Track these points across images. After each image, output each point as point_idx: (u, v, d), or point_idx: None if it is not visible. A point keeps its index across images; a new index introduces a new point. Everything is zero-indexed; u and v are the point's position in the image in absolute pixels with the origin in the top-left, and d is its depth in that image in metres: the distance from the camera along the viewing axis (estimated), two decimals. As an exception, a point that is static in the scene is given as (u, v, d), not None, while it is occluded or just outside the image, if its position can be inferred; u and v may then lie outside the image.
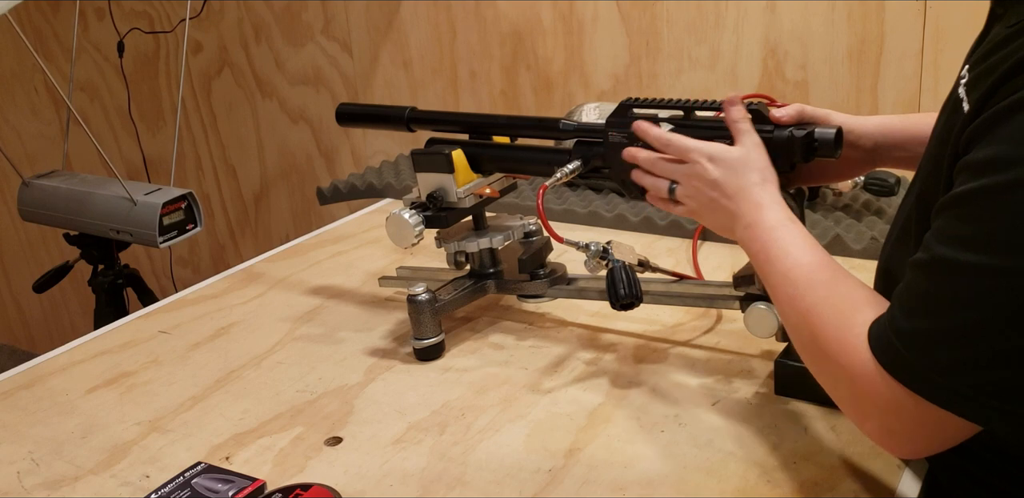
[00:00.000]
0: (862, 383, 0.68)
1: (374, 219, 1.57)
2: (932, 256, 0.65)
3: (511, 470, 0.86)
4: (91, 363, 1.12)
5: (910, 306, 0.66)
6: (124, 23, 2.31)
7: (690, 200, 0.89)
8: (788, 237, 0.80)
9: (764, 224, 0.81)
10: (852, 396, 0.71)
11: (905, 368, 0.65)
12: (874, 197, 1.37)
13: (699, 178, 0.86)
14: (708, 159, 0.86)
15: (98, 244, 1.76)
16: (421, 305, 1.05)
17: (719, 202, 0.85)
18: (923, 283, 0.65)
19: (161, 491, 0.83)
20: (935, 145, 0.73)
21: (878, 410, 0.68)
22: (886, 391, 0.66)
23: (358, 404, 0.99)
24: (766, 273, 0.80)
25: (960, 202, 0.63)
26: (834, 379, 0.73)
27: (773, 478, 0.82)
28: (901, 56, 1.46)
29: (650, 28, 1.64)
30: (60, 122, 2.61)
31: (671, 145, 0.89)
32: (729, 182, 0.85)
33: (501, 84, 1.85)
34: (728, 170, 0.85)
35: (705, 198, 0.87)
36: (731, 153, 0.86)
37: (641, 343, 1.08)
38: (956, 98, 0.69)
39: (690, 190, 0.88)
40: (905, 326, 0.65)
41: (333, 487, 0.83)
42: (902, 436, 0.68)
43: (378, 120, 1.16)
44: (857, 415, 0.71)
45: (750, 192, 0.84)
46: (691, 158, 0.87)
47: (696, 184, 0.87)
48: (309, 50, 2.08)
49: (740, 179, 0.84)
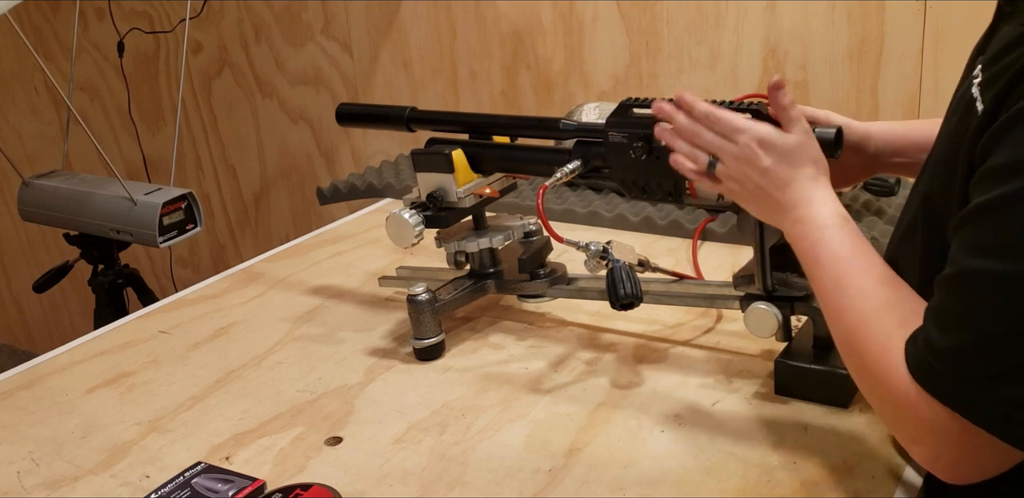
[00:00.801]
0: (905, 405, 0.66)
1: (374, 219, 1.57)
2: (959, 269, 0.63)
3: (511, 470, 0.86)
4: (91, 363, 1.12)
5: (943, 322, 0.64)
6: (124, 23, 2.31)
7: (732, 182, 0.83)
8: (839, 239, 0.76)
9: (816, 222, 0.77)
10: (897, 419, 0.69)
11: (944, 386, 0.63)
12: (874, 197, 1.37)
13: (748, 163, 0.80)
14: (759, 144, 0.80)
15: (98, 244, 1.76)
16: (421, 305, 1.05)
17: (767, 191, 0.80)
18: (953, 297, 0.64)
19: (161, 491, 0.83)
20: (946, 145, 0.72)
21: (923, 433, 0.66)
22: (928, 412, 0.64)
23: (358, 404, 0.99)
24: (814, 276, 0.77)
25: (983, 212, 0.62)
26: (880, 399, 0.70)
27: (773, 478, 0.82)
28: (901, 56, 1.46)
29: (650, 28, 1.64)
30: (60, 122, 2.61)
31: (720, 122, 0.82)
32: (781, 172, 0.79)
33: (501, 84, 1.85)
34: (781, 158, 0.79)
35: (751, 184, 0.81)
36: (786, 140, 0.80)
37: (641, 343, 1.08)
38: (969, 98, 0.67)
39: (735, 172, 0.82)
40: (940, 343, 0.63)
41: (333, 487, 0.83)
42: (949, 460, 0.66)
43: (378, 120, 1.16)
44: (905, 439, 0.69)
45: (803, 185, 0.79)
46: (740, 141, 0.81)
47: (743, 168, 0.81)
48: (309, 50, 2.08)
49: (793, 170, 0.79)
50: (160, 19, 2.27)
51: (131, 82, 2.38)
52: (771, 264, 0.93)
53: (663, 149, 0.95)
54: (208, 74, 2.27)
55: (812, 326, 0.95)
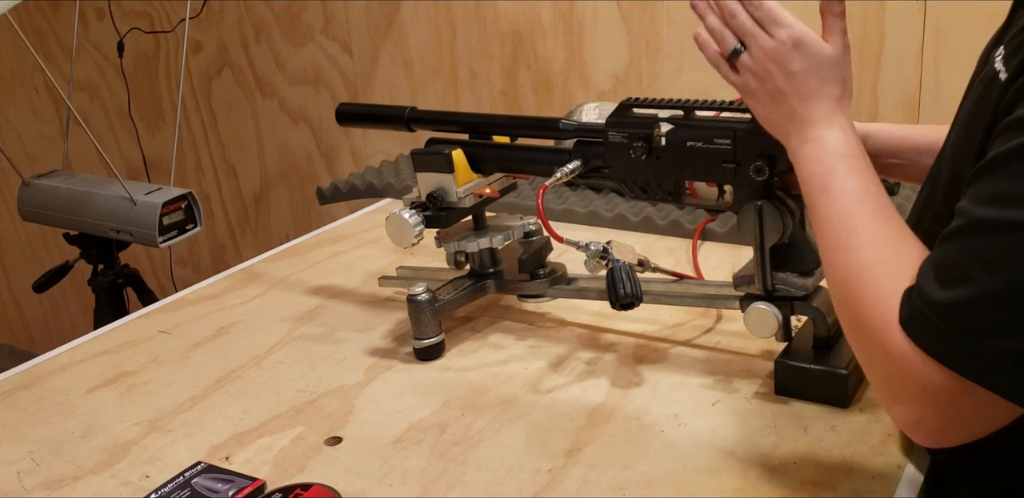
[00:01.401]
0: (896, 361, 0.64)
1: (374, 219, 1.57)
2: (969, 220, 0.61)
3: (511, 470, 0.86)
4: (91, 363, 1.12)
5: (944, 276, 0.62)
6: (124, 23, 2.31)
7: (752, 78, 0.78)
8: (854, 171, 0.71)
9: (832, 147, 0.73)
10: (885, 375, 0.66)
11: (939, 341, 0.61)
12: (874, 197, 1.36)
13: (777, 60, 0.76)
14: (796, 44, 0.75)
15: (98, 244, 1.76)
16: (421, 305, 1.05)
17: (787, 98, 0.75)
18: (957, 250, 0.62)
19: (161, 491, 0.83)
20: (966, 124, 0.70)
21: (910, 391, 0.64)
22: (920, 368, 0.62)
23: (358, 404, 0.99)
24: (819, 204, 0.72)
25: (1001, 161, 0.60)
26: (869, 353, 0.68)
27: (773, 478, 0.82)
28: (901, 56, 1.46)
29: (650, 28, 1.64)
30: (60, 122, 2.61)
31: (762, 8, 0.77)
32: (809, 81, 0.75)
33: (501, 84, 1.85)
34: (813, 67, 0.75)
35: (772, 85, 0.76)
36: (824, 49, 0.76)
37: (641, 343, 1.08)
38: (992, 73, 0.66)
39: (759, 67, 0.77)
40: (939, 297, 0.61)
41: (333, 487, 0.83)
42: (935, 422, 0.64)
43: (378, 120, 1.16)
44: (888, 396, 0.67)
45: (827, 104, 0.75)
46: (778, 34, 0.76)
47: (769, 65, 0.76)
48: (309, 50, 2.08)
49: (822, 84, 0.75)
50: (160, 19, 2.27)
51: (131, 82, 2.38)
52: (771, 264, 0.93)
53: (663, 149, 0.95)
54: (208, 74, 2.27)
55: (812, 326, 0.95)
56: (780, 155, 0.88)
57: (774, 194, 0.91)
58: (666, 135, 0.94)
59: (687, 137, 0.93)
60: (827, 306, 0.94)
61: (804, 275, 0.93)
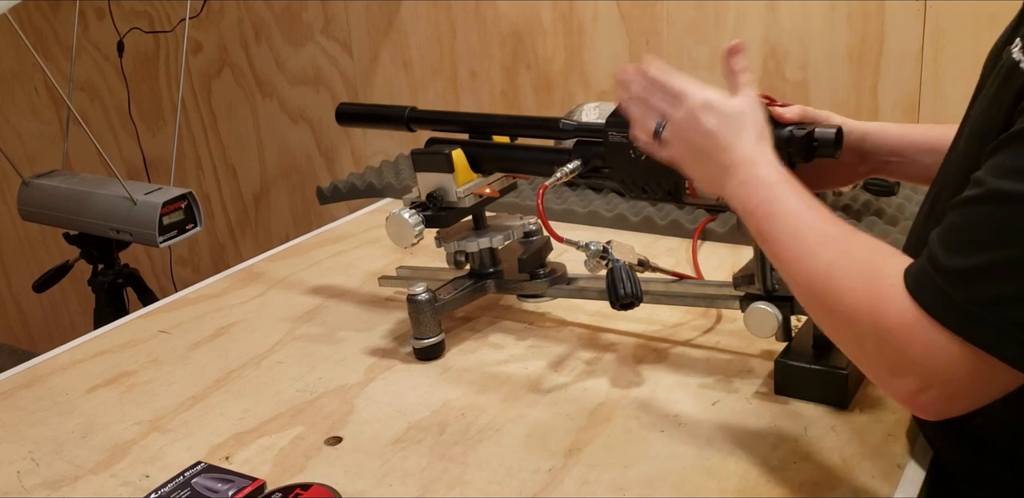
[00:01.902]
0: (898, 333, 0.64)
1: (374, 219, 1.57)
2: (985, 190, 0.61)
3: (511, 470, 0.86)
4: (91, 363, 1.12)
5: (956, 244, 0.62)
6: (124, 23, 2.31)
7: (678, 146, 0.83)
8: (790, 193, 0.75)
9: (762, 180, 0.76)
10: (883, 351, 0.66)
11: (947, 307, 0.61)
12: (874, 197, 1.37)
13: (691, 125, 0.81)
14: (703, 106, 0.81)
15: (98, 244, 1.76)
16: (421, 305, 1.05)
17: (710, 154, 0.80)
18: (972, 218, 0.62)
19: (161, 491, 0.83)
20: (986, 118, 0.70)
21: (913, 363, 0.64)
22: (924, 337, 0.62)
23: (358, 404, 0.99)
24: (767, 231, 0.75)
25: (1021, 135, 0.60)
26: (859, 336, 0.68)
27: (773, 478, 0.82)
28: (901, 56, 1.46)
29: (650, 28, 1.64)
30: (60, 122, 2.61)
31: (666, 86, 0.84)
32: (723, 134, 0.79)
33: (501, 84, 1.85)
34: (723, 121, 0.80)
35: (695, 148, 0.81)
36: (729, 104, 0.81)
37: (641, 343, 1.08)
38: (1010, 64, 0.67)
39: (680, 136, 0.83)
40: (950, 264, 0.62)
41: (333, 487, 0.83)
42: (938, 391, 0.64)
43: (378, 120, 1.16)
44: (888, 372, 0.66)
45: (745, 148, 0.78)
46: (685, 103, 0.82)
47: (687, 132, 0.82)
48: (309, 50, 2.08)
49: (736, 133, 0.79)
50: (160, 19, 2.27)
51: (131, 82, 2.38)
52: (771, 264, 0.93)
53: (663, 149, 0.95)
54: (208, 74, 2.27)
55: (812, 326, 0.95)
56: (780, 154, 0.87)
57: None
58: (666, 135, 0.94)
59: (687, 137, 0.93)
60: (827, 306, 0.94)
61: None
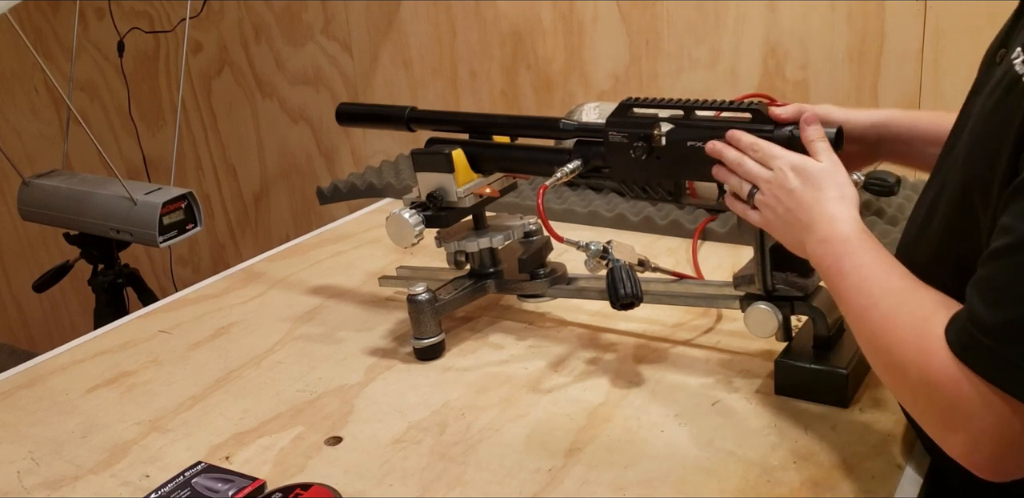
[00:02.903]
0: (945, 389, 0.63)
1: (374, 219, 1.57)
2: (1017, 238, 0.60)
3: (511, 470, 0.86)
4: (91, 363, 1.12)
5: (995, 297, 0.61)
6: (124, 23, 2.31)
7: (767, 209, 0.86)
8: (863, 249, 0.77)
9: (838, 237, 0.79)
10: (934, 406, 0.65)
11: (993, 364, 0.61)
12: (874, 197, 1.36)
13: (779, 186, 0.84)
14: (791, 168, 0.84)
15: (98, 244, 1.76)
16: (421, 305, 1.05)
17: (794, 213, 0.83)
18: (1006, 269, 0.61)
19: (161, 491, 0.83)
20: (986, 130, 0.70)
21: (963, 419, 0.63)
22: (972, 395, 0.62)
23: (358, 404, 0.99)
24: (839, 288, 0.77)
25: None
26: (912, 391, 0.68)
27: (773, 478, 0.82)
28: (901, 56, 1.46)
29: (650, 28, 1.64)
30: (60, 122, 2.61)
31: (759, 150, 0.87)
32: (806, 194, 0.82)
33: (501, 84, 1.85)
34: (807, 181, 0.83)
35: (782, 208, 0.84)
36: (814, 166, 0.84)
37: (641, 343, 1.08)
38: (1013, 77, 0.66)
39: (769, 198, 0.86)
40: (990, 318, 0.61)
41: (333, 487, 0.83)
42: (991, 450, 0.63)
43: (378, 120, 1.16)
44: (941, 429, 0.66)
45: (826, 206, 0.81)
46: (775, 165, 0.85)
47: (776, 193, 0.85)
48: (309, 50, 2.08)
49: (818, 191, 0.82)
50: (160, 19, 2.27)
51: (131, 82, 2.38)
52: (771, 264, 0.93)
53: (663, 149, 0.95)
54: (208, 74, 2.27)
55: (812, 326, 0.95)
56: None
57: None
58: (666, 135, 0.94)
59: (687, 137, 0.93)
60: (827, 306, 0.94)
61: (804, 275, 0.93)
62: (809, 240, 0.81)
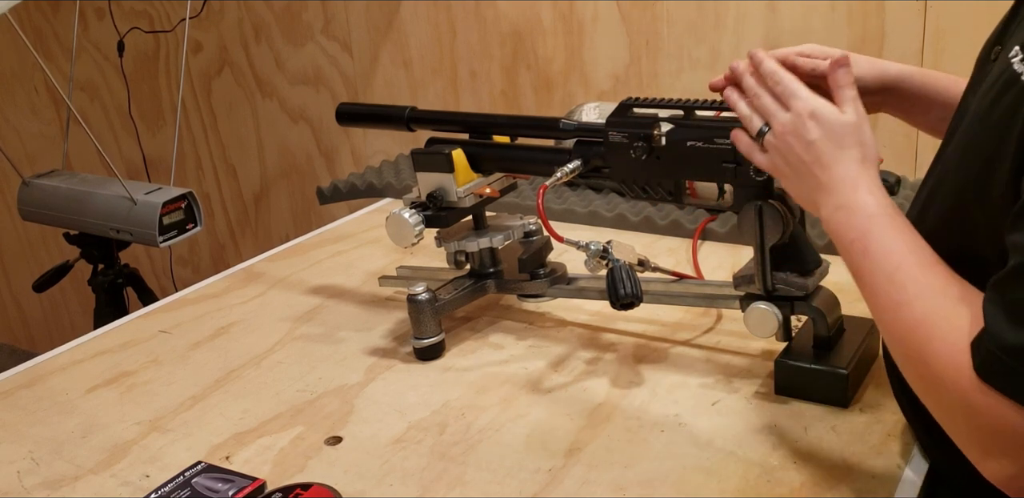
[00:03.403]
0: (979, 412, 0.60)
1: (374, 219, 1.57)
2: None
3: (511, 470, 0.86)
4: (91, 363, 1.12)
5: (1016, 317, 0.58)
6: (124, 23, 2.31)
7: (777, 154, 0.78)
8: (893, 230, 0.70)
9: (863, 210, 0.71)
10: (969, 429, 0.62)
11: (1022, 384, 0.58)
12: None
13: (795, 134, 0.76)
14: (811, 115, 0.75)
15: (98, 244, 1.76)
16: (421, 305, 1.05)
17: (809, 168, 0.75)
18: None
19: (161, 491, 0.83)
20: (983, 129, 0.67)
21: (1001, 444, 0.60)
22: (1009, 418, 0.58)
23: (358, 404, 0.99)
24: (863, 269, 0.70)
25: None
26: (948, 408, 0.64)
27: (773, 478, 0.82)
28: (901, 56, 1.46)
29: (650, 28, 1.64)
30: (60, 122, 2.61)
31: (780, 83, 0.78)
32: (827, 149, 0.74)
33: (501, 84, 1.85)
34: (829, 134, 0.74)
35: (795, 158, 0.76)
36: (838, 117, 0.75)
37: (641, 343, 1.08)
38: (1011, 76, 0.64)
39: (781, 143, 0.77)
40: (1014, 340, 0.58)
41: (333, 487, 0.83)
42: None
43: (378, 120, 1.16)
44: (978, 452, 0.62)
45: (848, 167, 0.73)
46: (794, 107, 0.76)
47: (790, 140, 0.76)
48: (309, 50, 2.08)
49: (839, 149, 0.74)
50: (160, 19, 2.27)
51: (131, 82, 2.38)
52: (771, 264, 0.93)
53: (663, 149, 0.95)
54: (208, 74, 2.27)
55: (812, 326, 0.95)
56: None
57: (774, 194, 0.91)
58: (666, 135, 0.94)
59: (687, 137, 0.93)
60: (827, 306, 0.94)
61: (804, 275, 0.93)
62: (825, 203, 0.74)
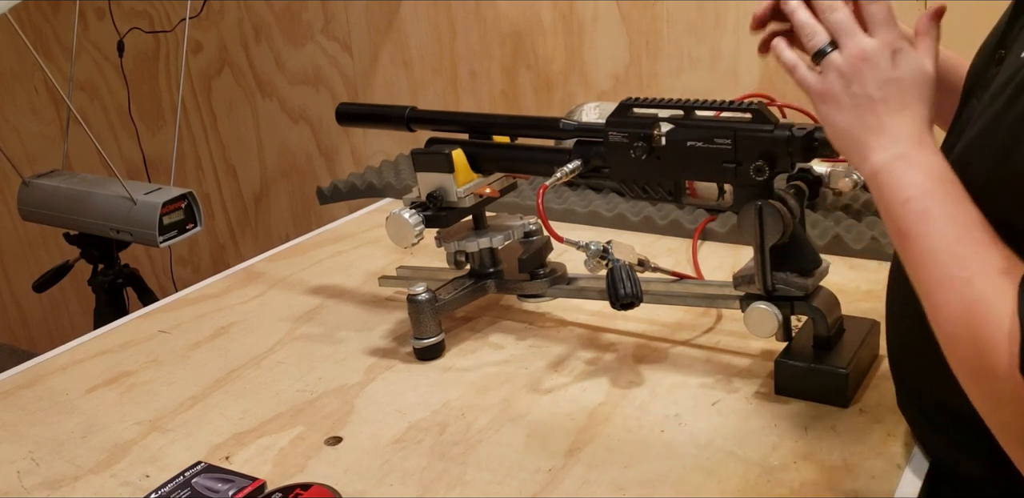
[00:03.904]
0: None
1: (374, 219, 1.57)
2: None
3: (511, 470, 0.86)
4: (91, 363, 1.12)
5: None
6: (124, 23, 2.31)
7: (839, 79, 0.70)
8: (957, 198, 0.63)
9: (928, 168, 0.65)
10: (1017, 420, 0.57)
11: None
12: (874, 197, 1.36)
13: (873, 64, 0.69)
14: (896, 51, 0.69)
15: (98, 244, 1.76)
16: (421, 305, 1.05)
17: (876, 107, 0.68)
18: None
19: (161, 491, 0.83)
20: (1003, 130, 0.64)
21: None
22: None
23: (358, 404, 0.99)
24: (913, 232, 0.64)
25: None
26: (995, 396, 0.59)
27: (773, 478, 0.82)
28: (901, 56, 1.46)
29: (650, 28, 1.64)
30: (60, 122, 2.61)
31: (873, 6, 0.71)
32: (904, 93, 0.68)
33: (501, 84, 1.85)
34: (910, 79, 0.68)
35: (861, 90, 0.69)
36: (924, 65, 0.69)
37: (641, 343, 1.08)
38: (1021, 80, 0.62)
39: (850, 68, 0.69)
40: None
41: (333, 487, 0.83)
42: None
43: (378, 120, 1.16)
44: (1019, 445, 0.58)
45: (917, 120, 0.67)
46: (883, 37, 0.69)
47: (864, 68, 0.69)
48: (309, 50, 2.08)
49: (916, 100, 0.68)
50: (160, 19, 2.27)
51: (131, 82, 2.38)
52: (771, 264, 0.93)
53: (663, 149, 0.95)
54: (208, 74, 2.27)
55: (812, 326, 0.95)
56: (780, 155, 0.88)
57: (774, 194, 0.91)
58: (666, 135, 0.94)
59: (687, 137, 0.93)
60: (827, 306, 0.94)
61: (804, 275, 0.93)
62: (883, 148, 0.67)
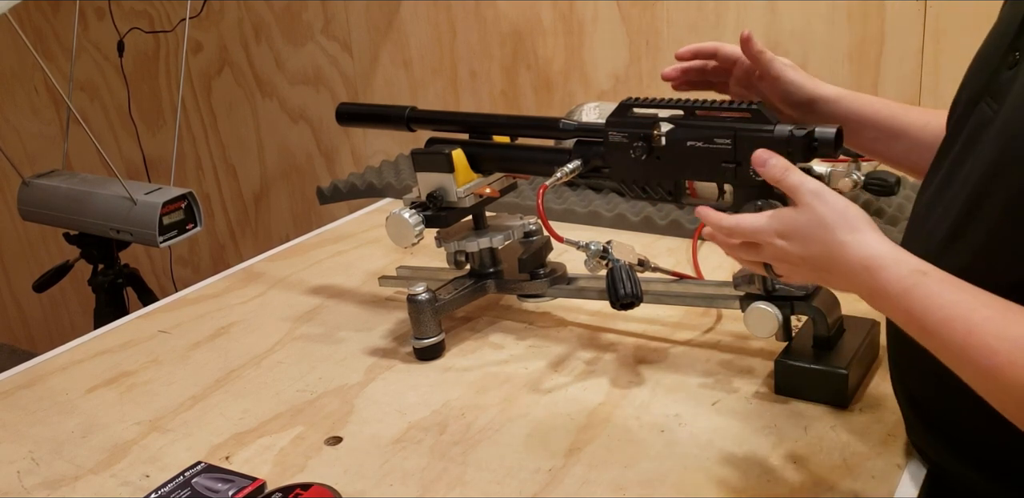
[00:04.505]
0: None
1: (374, 219, 1.57)
2: None
3: (511, 470, 0.86)
4: (91, 363, 1.12)
5: None
6: (124, 23, 2.31)
7: (795, 275, 0.78)
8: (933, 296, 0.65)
9: (890, 291, 0.67)
10: None
11: None
12: (874, 197, 1.36)
13: (783, 260, 0.76)
14: (778, 236, 0.75)
15: (98, 244, 1.76)
16: (421, 305, 1.05)
17: (822, 275, 0.74)
18: None
19: (161, 491, 0.83)
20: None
21: None
22: None
23: (358, 404, 0.99)
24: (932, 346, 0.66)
25: None
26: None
27: (773, 478, 0.82)
28: (901, 56, 1.46)
29: (650, 28, 1.64)
30: (60, 122, 2.61)
31: (735, 234, 0.79)
32: (814, 255, 0.73)
33: (501, 84, 1.85)
34: (805, 242, 0.73)
35: (809, 275, 0.76)
36: (797, 221, 0.74)
37: (641, 343, 1.08)
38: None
39: (785, 270, 0.78)
40: None
41: (333, 487, 0.83)
42: None
43: (378, 120, 1.16)
44: None
45: (845, 258, 0.71)
46: (762, 242, 0.77)
47: (786, 267, 0.77)
48: (309, 50, 2.08)
49: (824, 246, 0.72)
50: (160, 19, 2.27)
51: (131, 82, 2.38)
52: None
53: (663, 149, 0.95)
54: (208, 74, 2.27)
55: (812, 326, 0.95)
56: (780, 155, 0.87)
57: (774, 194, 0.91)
58: (666, 135, 0.94)
59: (687, 137, 0.93)
60: (827, 306, 0.94)
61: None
62: (861, 295, 0.72)
